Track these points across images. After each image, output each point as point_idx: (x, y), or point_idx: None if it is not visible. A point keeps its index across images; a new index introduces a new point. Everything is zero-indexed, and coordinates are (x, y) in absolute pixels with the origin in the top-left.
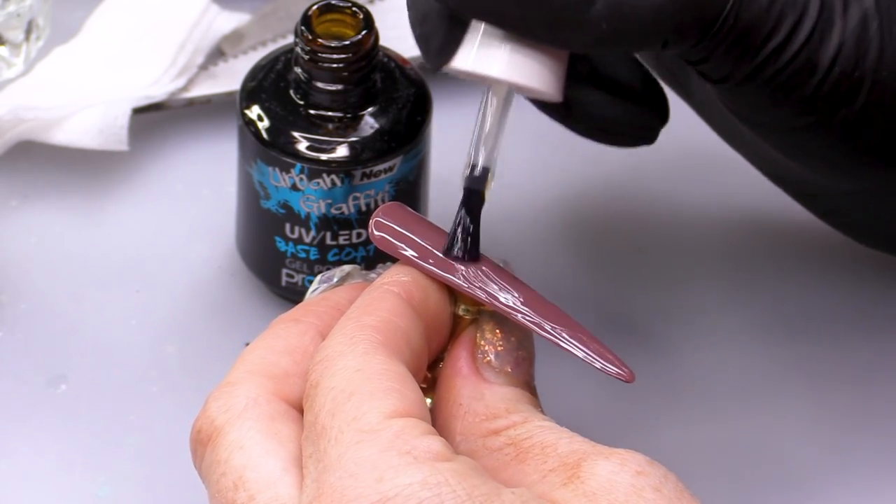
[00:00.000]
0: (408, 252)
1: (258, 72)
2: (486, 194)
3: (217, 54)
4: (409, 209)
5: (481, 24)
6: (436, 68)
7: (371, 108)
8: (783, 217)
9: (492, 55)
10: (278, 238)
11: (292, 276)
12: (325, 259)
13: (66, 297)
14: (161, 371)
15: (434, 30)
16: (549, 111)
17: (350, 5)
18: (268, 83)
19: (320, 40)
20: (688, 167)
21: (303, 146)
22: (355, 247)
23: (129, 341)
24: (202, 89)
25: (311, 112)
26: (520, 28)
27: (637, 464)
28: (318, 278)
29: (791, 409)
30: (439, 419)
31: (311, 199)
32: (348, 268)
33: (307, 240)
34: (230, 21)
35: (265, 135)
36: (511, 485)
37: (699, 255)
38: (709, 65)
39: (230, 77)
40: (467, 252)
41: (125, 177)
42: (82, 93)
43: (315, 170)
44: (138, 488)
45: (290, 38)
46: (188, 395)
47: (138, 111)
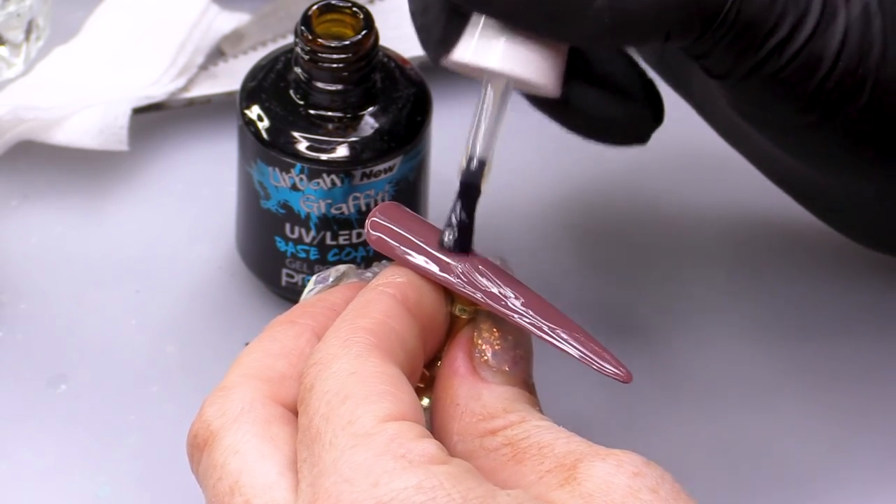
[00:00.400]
0: (403, 252)
1: (258, 72)
2: (483, 188)
3: (217, 54)
4: (406, 209)
5: (481, 18)
6: (435, 60)
7: (371, 108)
8: (783, 217)
9: (491, 48)
10: (278, 238)
11: (292, 276)
12: (325, 259)
13: (66, 297)
14: (161, 371)
15: (434, 21)
16: (544, 108)
17: (350, 5)
18: (268, 83)
19: (320, 40)
20: (687, 167)
21: (303, 146)
22: (355, 247)
23: (129, 341)
24: (202, 89)
25: (311, 112)
26: (521, 21)
27: (634, 465)
28: (313, 279)
29: (791, 409)
30: (436, 419)
31: (311, 199)
32: (344, 267)
33: (307, 240)
34: (230, 21)
35: (265, 135)
36: (508, 486)
37: (699, 255)
38: (711, 59)
39: (230, 77)
40: (459, 245)
41: (125, 177)
42: (82, 93)
43: (315, 170)
44: (138, 488)
45: (290, 38)
46: (188, 395)
47: (138, 111)
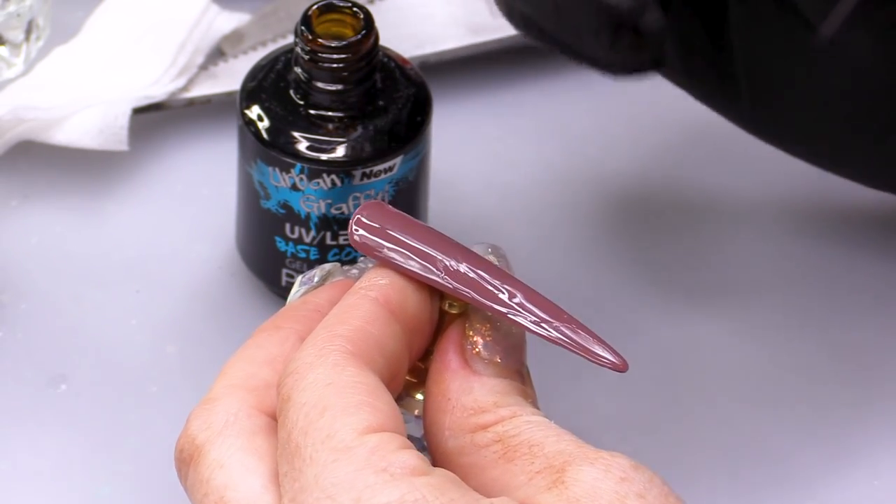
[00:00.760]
0: (388, 253)
1: (258, 72)
2: None
3: (217, 54)
4: (391, 207)
5: None
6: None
7: (371, 108)
8: (784, 219)
9: None
10: (278, 238)
11: (292, 276)
12: (325, 259)
13: (66, 297)
14: (161, 371)
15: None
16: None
17: (350, 5)
18: (268, 83)
19: (320, 40)
20: (689, 169)
21: (303, 146)
22: None
23: (129, 341)
24: (202, 89)
25: (311, 112)
26: None
27: (621, 469)
28: (299, 280)
29: (792, 409)
30: (429, 414)
31: (311, 199)
32: (329, 266)
33: (307, 240)
34: (230, 21)
35: (265, 135)
36: (498, 484)
37: (699, 255)
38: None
39: (230, 77)
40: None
41: (125, 177)
42: (82, 93)
43: (315, 170)
44: (138, 488)
45: (290, 38)
46: (188, 395)
47: (138, 111)
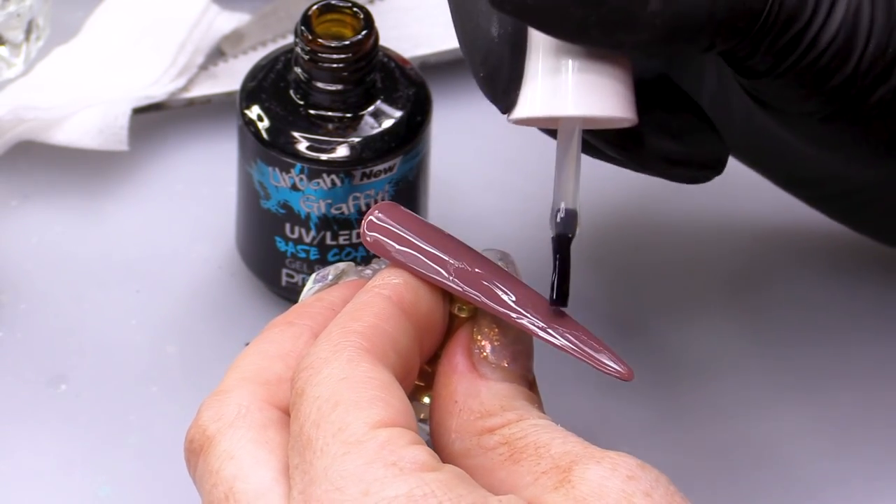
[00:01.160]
0: (399, 254)
1: (258, 72)
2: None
3: (217, 54)
4: (403, 208)
5: (537, 67)
6: (505, 109)
7: (371, 108)
8: (784, 219)
9: (559, 94)
10: (278, 238)
11: (292, 276)
12: (325, 259)
13: (66, 297)
14: (161, 371)
15: (499, 65)
16: (619, 150)
17: (350, 5)
18: (268, 83)
19: (320, 40)
20: None
21: (303, 146)
22: (355, 247)
23: (129, 341)
24: (202, 89)
25: (311, 112)
26: (576, 31)
27: (628, 468)
28: (312, 277)
29: (791, 409)
30: (435, 416)
31: (311, 199)
32: (343, 265)
33: (307, 240)
34: (230, 21)
35: (265, 135)
36: (505, 486)
37: (699, 256)
38: (754, 59)
39: (230, 77)
40: (562, 297)
41: (125, 177)
42: (82, 93)
43: (315, 170)
44: (138, 488)
45: (290, 38)
46: (188, 395)
47: (138, 111)
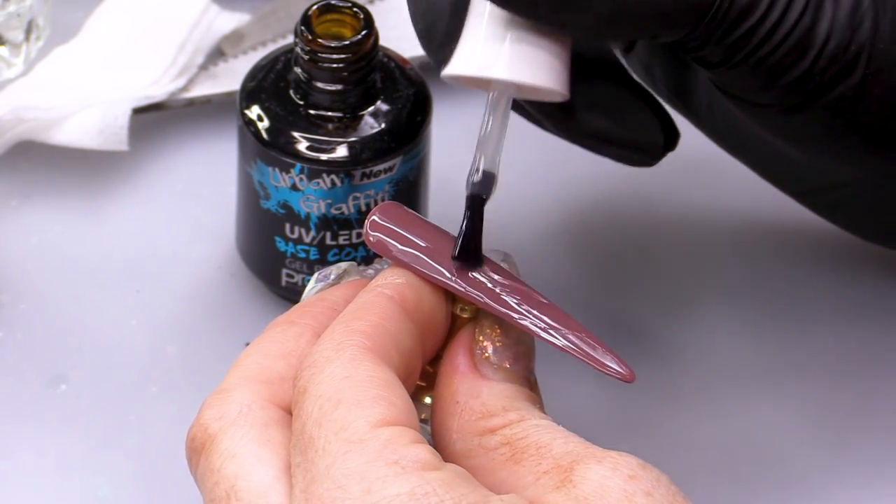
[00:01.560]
0: (402, 254)
1: (258, 72)
2: (490, 198)
3: (217, 54)
4: (406, 209)
5: (480, 25)
6: (439, 63)
7: (371, 108)
8: (783, 217)
9: (495, 57)
10: (278, 238)
11: (292, 276)
12: (324, 259)
13: (66, 297)
14: (161, 371)
15: (438, 19)
16: (551, 120)
17: (350, 5)
18: (268, 83)
19: (320, 40)
20: (688, 168)
21: (303, 146)
22: (355, 247)
23: (129, 341)
24: (202, 89)
25: (311, 112)
26: (525, 5)
27: (629, 468)
28: (314, 277)
29: (791, 409)
30: (437, 416)
31: (311, 199)
32: (345, 265)
33: (307, 240)
34: (230, 21)
35: (265, 135)
36: (506, 486)
37: (699, 255)
38: (705, 51)
39: (230, 77)
40: (468, 256)
41: (125, 177)
42: (82, 93)
43: (315, 170)
44: (138, 488)
45: (290, 38)
46: (188, 395)
47: (138, 111)
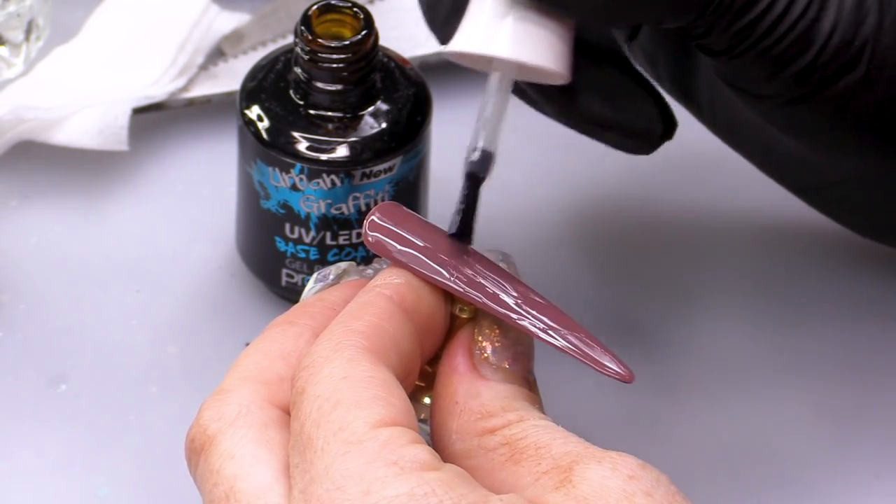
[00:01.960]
0: (401, 254)
1: (258, 72)
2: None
3: (217, 54)
4: (405, 209)
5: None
6: (442, 39)
7: (371, 108)
8: (783, 216)
9: (498, 35)
10: (278, 238)
11: (292, 276)
12: (325, 259)
13: (66, 297)
14: (161, 371)
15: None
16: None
17: (350, 5)
18: (268, 83)
19: (320, 40)
20: (689, 168)
21: (303, 146)
22: (355, 247)
23: (129, 341)
24: (202, 89)
25: (311, 112)
26: None
27: (629, 468)
28: (314, 277)
29: (792, 409)
30: (436, 417)
31: (311, 199)
32: (344, 265)
33: (307, 240)
34: (230, 21)
35: (265, 135)
36: (505, 486)
37: (699, 255)
38: (710, 38)
39: (230, 77)
40: (462, 233)
41: (125, 177)
42: (82, 93)
43: (315, 170)
44: (138, 488)
45: (290, 38)
46: (188, 396)
47: (138, 111)
